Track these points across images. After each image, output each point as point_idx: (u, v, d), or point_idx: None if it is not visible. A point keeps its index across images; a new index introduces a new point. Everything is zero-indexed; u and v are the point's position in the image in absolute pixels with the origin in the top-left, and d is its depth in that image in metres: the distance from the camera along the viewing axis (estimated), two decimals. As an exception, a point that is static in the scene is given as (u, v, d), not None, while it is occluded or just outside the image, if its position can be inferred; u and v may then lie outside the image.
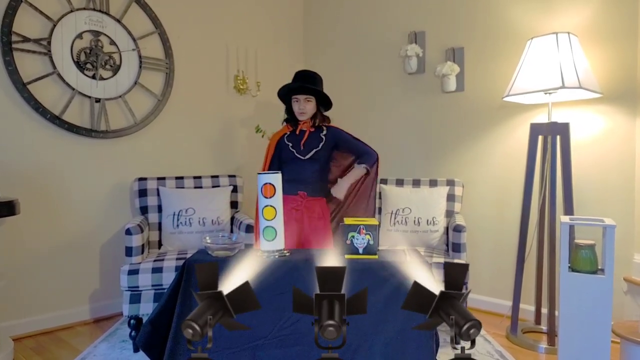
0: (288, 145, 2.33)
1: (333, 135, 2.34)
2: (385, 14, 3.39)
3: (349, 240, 1.76)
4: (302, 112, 2.29)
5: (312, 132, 2.33)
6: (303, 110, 2.29)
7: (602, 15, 2.46)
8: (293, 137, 2.34)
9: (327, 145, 2.32)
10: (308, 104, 2.29)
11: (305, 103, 2.28)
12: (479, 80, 2.94)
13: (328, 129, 2.36)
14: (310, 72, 2.35)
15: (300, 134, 2.32)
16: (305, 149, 2.30)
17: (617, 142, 2.45)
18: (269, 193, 1.77)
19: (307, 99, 2.28)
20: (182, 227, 2.65)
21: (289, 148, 2.32)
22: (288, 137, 2.35)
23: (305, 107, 2.28)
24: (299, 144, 2.32)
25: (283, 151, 2.34)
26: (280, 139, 2.36)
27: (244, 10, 3.52)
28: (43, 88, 2.57)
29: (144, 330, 1.72)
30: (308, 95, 2.28)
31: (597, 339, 1.87)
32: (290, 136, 2.35)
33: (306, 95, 2.28)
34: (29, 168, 2.54)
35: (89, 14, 2.72)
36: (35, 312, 2.57)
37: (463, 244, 2.40)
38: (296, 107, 2.30)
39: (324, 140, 2.32)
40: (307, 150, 2.30)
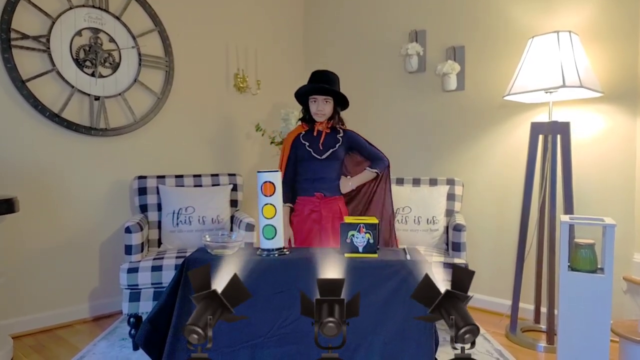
0: (304, 144, 2.30)
1: (349, 139, 2.34)
2: (386, 13, 3.39)
3: (349, 239, 1.76)
4: (320, 112, 2.26)
5: (328, 133, 2.31)
6: (322, 111, 2.26)
7: (603, 14, 2.45)
8: (309, 136, 2.31)
9: (343, 147, 2.32)
10: (326, 105, 2.26)
11: (324, 104, 2.26)
12: (480, 79, 2.93)
13: (344, 132, 2.35)
14: (328, 72, 2.32)
15: (317, 134, 2.30)
16: (323, 148, 2.28)
17: (617, 141, 2.45)
18: (268, 191, 1.77)
19: (325, 99, 2.25)
20: (181, 226, 2.65)
21: (305, 147, 2.29)
22: (304, 136, 2.32)
23: (323, 108, 2.26)
24: (317, 143, 2.29)
25: (299, 150, 2.31)
26: (296, 138, 2.33)
27: (244, 9, 3.51)
28: (42, 85, 2.56)
29: (144, 329, 1.72)
30: (326, 96, 2.26)
31: (596, 338, 1.87)
32: (306, 135, 2.32)
33: (324, 96, 2.25)
34: (28, 166, 2.54)
35: (88, 11, 2.71)
36: (34, 310, 2.57)
37: (463, 243, 2.40)
38: (314, 108, 2.27)
39: (340, 142, 2.31)
40: (324, 150, 2.28)
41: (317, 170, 2.28)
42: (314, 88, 2.24)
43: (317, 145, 2.29)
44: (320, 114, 2.27)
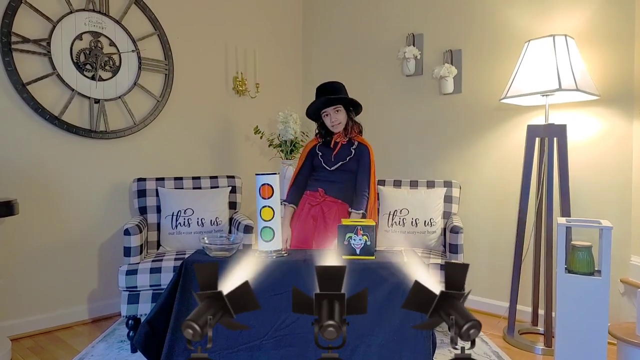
0: (318, 154, 2.40)
1: (360, 153, 2.36)
2: (383, 17, 3.41)
3: (347, 241, 1.77)
4: (335, 122, 2.32)
5: (343, 144, 2.37)
6: (336, 121, 2.31)
7: (599, 17, 2.47)
8: (325, 147, 2.40)
9: (354, 159, 2.36)
10: (339, 113, 2.31)
11: (336, 114, 2.31)
12: (477, 82, 2.95)
13: (359, 144, 2.39)
14: (333, 82, 2.37)
15: (334, 145, 2.37)
16: (334, 160, 2.36)
17: (613, 143, 2.46)
18: (266, 194, 1.78)
19: (335, 109, 2.31)
20: (180, 228, 2.65)
21: (318, 157, 2.40)
22: (320, 146, 2.42)
23: (337, 117, 2.31)
24: (330, 155, 2.37)
25: (315, 159, 2.41)
26: (313, 147, 2.43)
27: (243, 12, 3.53)
28: (42, 89, 2.58)
29: (142, 331, 1.72)
30: (336, 105, 2.30)
31: (593, 341, 1.88)
32: (321, 146, 2.41)
33: (334, 106, 2.30)
34: (28, 168, 2.55)
35: (89, 15, 2.73)
36: (33, 312, 2.57)
37: (460, 245, 2.41)
38: (328, 121, 2.33)
39: (352, 154, 2.35)
40: (335, 162, 2.36)
41: (327, 176, 2.37)
42: (321, 102, 2.29)
43: (330, 156, 2.37)
44: (337, 124, 2.32)
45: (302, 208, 2.38)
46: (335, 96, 2.28)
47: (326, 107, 2.31)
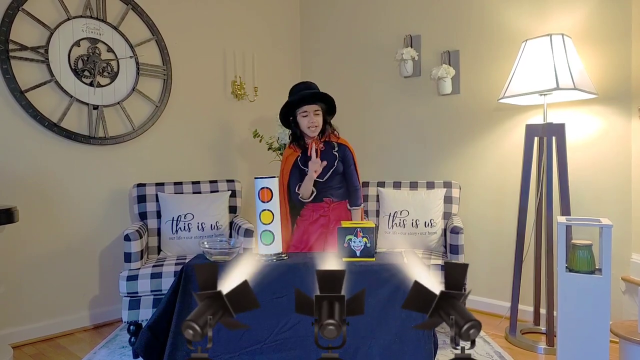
0: (304, 169, 2.24)
1: (342, 153, 2.27)
2: (381, 18, 3.42)
3: (346, 243, 1.77)
4: (313, 125, 2.16)
5: (323, 150, 2.23)
6: (314, 123, 2.16)
7: (596, 16, 2.48)
8: (307, 159, 2.23)
9: (340, 160, 2.26)
10: (318, 116, 2.17)
11: (315, 116, 2.16)
12: (475, 83, 2.95)
13: (339, 145, 2.28)
14: (309, 82, 2.28)
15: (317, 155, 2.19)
16: (322, 171, 2.21)
17: (612, 142, 2.46)
18: (266, 197, 1.78)
19: (315, 111, 2.16)
20: (181, 233, 2.65)
21: (305, 172, 2.23)
22: (301, 159, 2.26)
23: (317, 120, 2.16)
24: None
25: (301, 173, 2.26)
26: (296, 161, 2.27)
27: (241, 17, 3.54)
28: (41, 96, 2.58)
29: (143, 336, 1.72)
30: (316, 107, 2.16)
31: (595, 339, 1.88)
32: (303, 158, 2.26)
33: (316, 106, 2.16)
34: (27, 175, 2.55)
35: (86, 22, 2.74)
36: (34, 319, 2.57)
37: (461, 246, 2.41)
38: (305, 122, 2.17)
39: (337, 157, 2.25)
40: (325, 171, 2.22)
41: (324, 185, 2.27)
42: (309, 95, 2.14)
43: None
44: (313, 127, 2.18)
45: (310, 216, 2.30)
46: (322, 91, 2.16)
47: (309, 104, 2.14)
